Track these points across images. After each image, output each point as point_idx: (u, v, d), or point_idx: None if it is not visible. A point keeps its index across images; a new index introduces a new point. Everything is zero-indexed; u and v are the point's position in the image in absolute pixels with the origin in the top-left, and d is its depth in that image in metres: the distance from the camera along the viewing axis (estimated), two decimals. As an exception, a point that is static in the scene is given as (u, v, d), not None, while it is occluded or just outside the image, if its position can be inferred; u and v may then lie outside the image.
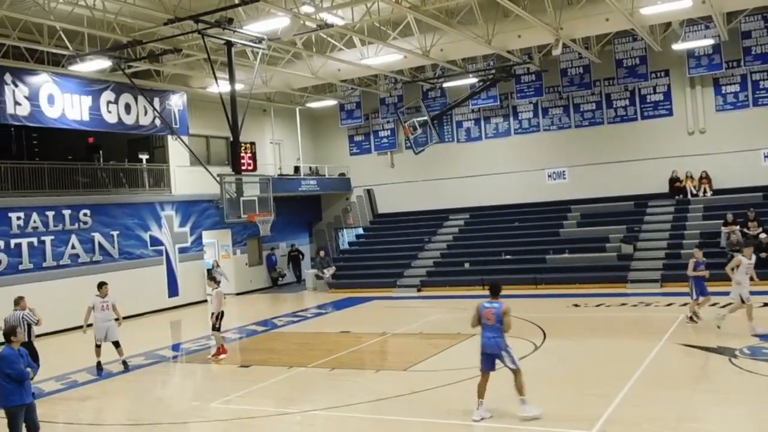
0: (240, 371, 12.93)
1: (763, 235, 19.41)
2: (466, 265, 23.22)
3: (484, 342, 9.06)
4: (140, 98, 20.27)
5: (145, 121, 20.74)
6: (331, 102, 27.75)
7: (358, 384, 11.30)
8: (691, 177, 23.23)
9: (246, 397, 10.88)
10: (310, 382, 11.65)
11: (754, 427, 8.17)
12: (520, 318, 16.05)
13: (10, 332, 8.03)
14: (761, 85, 22.57)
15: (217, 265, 23.70)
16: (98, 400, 11.37)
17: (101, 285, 13.28)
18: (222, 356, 13.77)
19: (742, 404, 8.99)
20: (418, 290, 22.72)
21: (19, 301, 11.95)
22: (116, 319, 13.14)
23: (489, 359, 9.03)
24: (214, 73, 17.70)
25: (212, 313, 14.02)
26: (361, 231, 28.96)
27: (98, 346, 12.99)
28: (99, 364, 12.99)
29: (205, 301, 23.60)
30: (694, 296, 14.27)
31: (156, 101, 20.78)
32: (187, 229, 23.58)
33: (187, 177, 23.25)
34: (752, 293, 16.84)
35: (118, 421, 9.86)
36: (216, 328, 13.87)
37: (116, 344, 13.08)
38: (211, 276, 15.17)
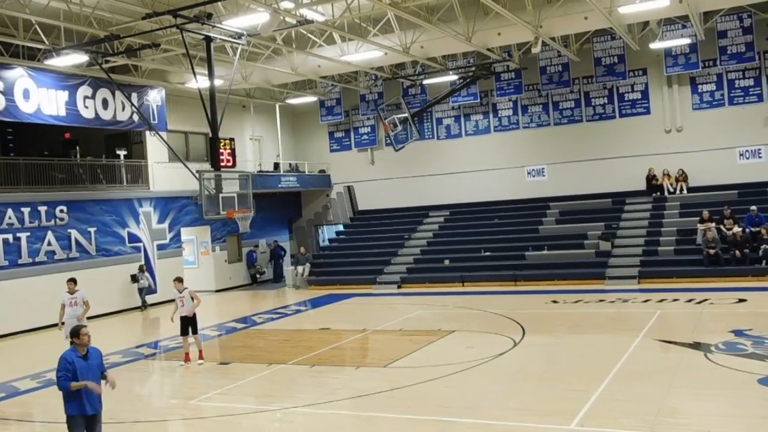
0: (219, 368, 12.85)
1: (737, 231, 19.72)
2: (446, 262, 23.31)
3: None
4: (118, 93, 20.01)
5: (122, 116, 20.49)
6: (311, 98, 27.65)
7: (339, 381, 11.29)
8: (668, 174, 23.51)
9: (226, 395, 10.82)
10: (290, 379, 11.62)
11: (729, 421, 8.30)
12: (499, 314, 16.19)
13: (72, 333, 7.15)
14: (736, 84, 22.89)
15: (142, 270, 21.68)
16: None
17: (69, 281, 13.17)
18: (188, 363, 13.07)
19: (717, 398, 9.13)
20: (399, 287, 22.75)
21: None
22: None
23: None
24: (192, 69, 17.52)
25: (184, 316, 13.04)
26: (341, 228, 28.92)
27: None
28: None
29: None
30: None
31: (134, 96, 20.53)
32: (165, 225, 23.36)
33: (166, 173, 23.03)
34: (727, 290, 17.21)
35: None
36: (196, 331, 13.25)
37: None
38: (134, 278, 14.88)
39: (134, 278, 21.50)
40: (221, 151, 22.18)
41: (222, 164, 19.36)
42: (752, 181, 22.22)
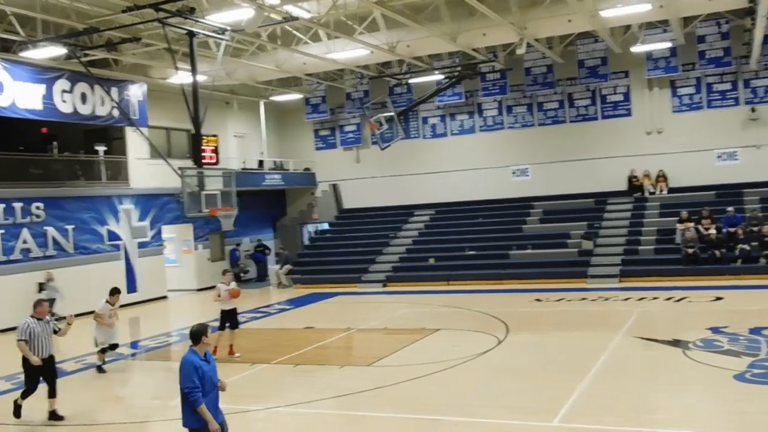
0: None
1: (714, 232, 20.01)
2: (431, 261, 23.36)
3: None
4: (97, 87, 19.68)
5: (102, 111, 20.16)
6: (296, 96, 27.55)
7: (323, 380, 11.27)
8: (649, 175, 23.77)
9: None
10: (274, 379, 11.57)
11: (706, 416, 8.45)
12: (483, 313, 16.26)
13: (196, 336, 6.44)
14: (714, 88, 23.20)
15: (50, 279, 18.78)
16: (41, 400, 11.03)
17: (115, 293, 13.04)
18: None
19: (695, 394, 9.29)
20: (384, 285, 22.75)
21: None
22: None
23: None
24: (175, 64, 17.37)
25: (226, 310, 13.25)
26: (326, 226, 28.86)
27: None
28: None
29: (165, 297, 23.27)
30: None
31: (114, 91, 20.25)
32: (146, 223, 23.11)
33: (147, 170, 22.78)
34: (705, 288, 17.45)
35: (74, 421, 9.60)
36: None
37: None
38: (41, 287, 14.55)
39: (41, 287, 18.36)
40: (204, 147, 21.94)
41: (205, 161, 19.19)
42: (729, 182, 22.56)
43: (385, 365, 11.94)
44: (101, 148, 21.87)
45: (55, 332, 10.04)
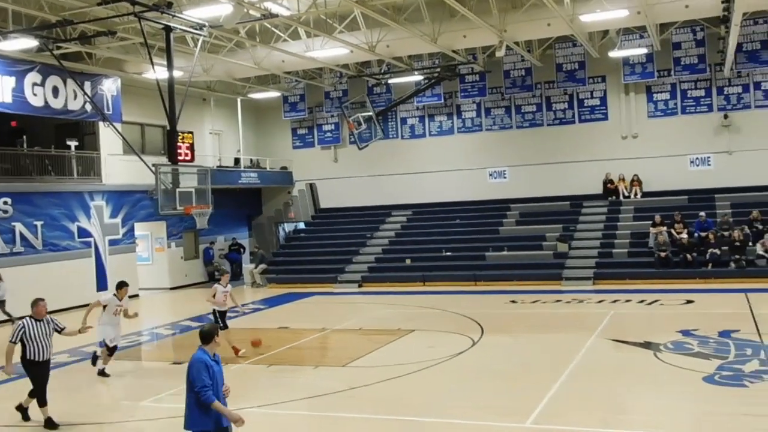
0: (173, 368, 12.55)
1: (685, 236, 20.29)
2: (408, 262, 23.34)
3: None
4: (69, 81, 19.26)
5: (74, 105, 19.76)
6: (274, 93, 27.34)
7: (297, 380, 11.18)
8: (623, 179, 24.04)
9: (179, 395, 10.45)
10: (247, 379, 11.43)
11: (676, 417, 8.52)
12: (459, 314, 16.28)
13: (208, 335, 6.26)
14: (689, 94, 23.56)
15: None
16: (19, 401, 10.78)
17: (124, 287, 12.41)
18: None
19: (665, 396, 9.36)
20: (360, 286, 22.68)
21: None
22: None
23: None
24: (151, 59, 17.10)
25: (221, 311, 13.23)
26: (302, 225, 28.70)
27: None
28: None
29: (137, 296, 22.93)
30: None
31: (87, 85, 19.85)
32: (118, 220, 22.76)
33: (120, 166, 22.41)
34: (676, 291, 17.68)
35: (40, 422, 9.37)
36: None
37: None
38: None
39: None
40: (179, 144, 21.56)
41: (180, 158, 18.87)
42: (702, 187, 22.96)
43: (360, 366, 11.87)
44: (73, 143, 21.48)
45: (58, 331, 9.58)
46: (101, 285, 21.62)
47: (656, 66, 22.95)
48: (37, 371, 9.24)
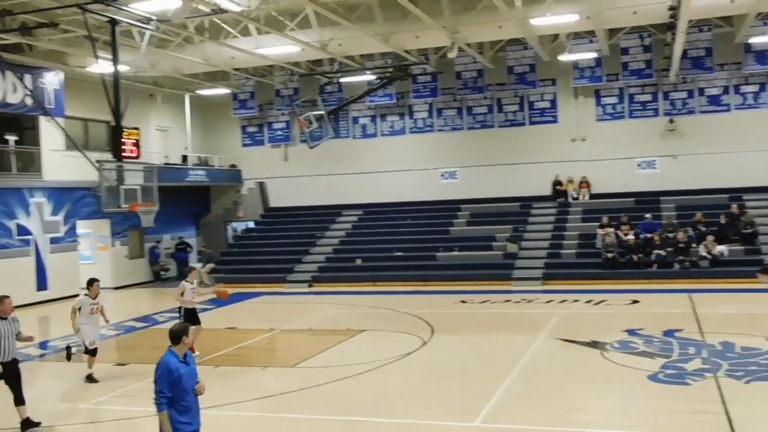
0: (116, 370, 12.15)
1: (632, 238, 20.78)
2: (358, 261, 23.23)
3: None
4: (9, 73, 18.51)
5: (13, 99, 18.96)
6: (223, 90, 26.85)
7: (245, 381, 10.96)
8: (572, 181, 24.49)
9: (121, 397, 10.21)
10: (193, 380, 11.13)
11: (622, 415, 8.67)
12: (409, 314, 16.26)
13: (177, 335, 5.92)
14: (636, 98, 24.16)
15: None
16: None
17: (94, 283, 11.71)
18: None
19: (611, 394, 9.54)
20: (309, 286, 22.46)
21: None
22: None
23: None
24: (95, 53, 16.56)
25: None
26: (251, 224, 28.26)
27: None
28: None
29: (78, 295, 22.17)
30: None
31: (27, 78, 19.08)
32: (60, 218, 21.97)
33: (62, 162, 21.62)
34: (622, 291, 18.09)
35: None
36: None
37: None
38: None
39: None
40: (124, 140, 21.06)
41: (125, 155, 18.43)
42: (648, 190, 23.53)
43: (310, 366, 11.72)
44: (12, 138, 20.58)
45: (16, 335, 8.98)
46: (41, 284, 20.84)
47: (605, 70, 23.43)
48: (4, 373, 8.70)
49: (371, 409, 9.18)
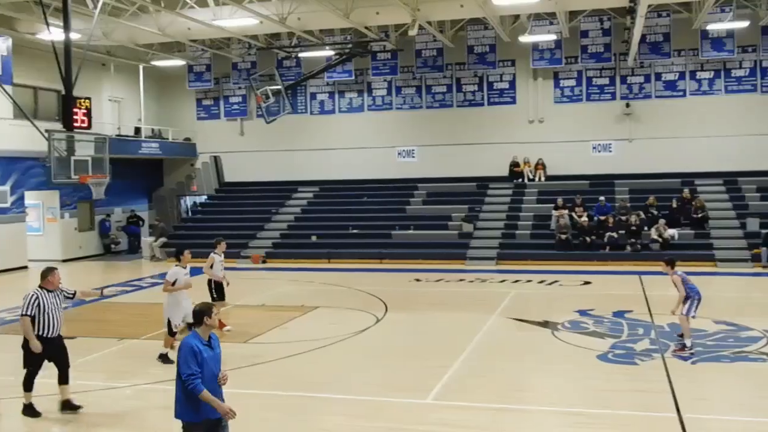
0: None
1: (585, 220, 21.18)
2: (314, 238, 23.13)
3: None
4: (-49, 38, 17.74)
5: (-43, 64, 18.19)
6: (179, 62, 26.18)
7: (196, 357, 10.77)
8: (529, 163, 24.76)
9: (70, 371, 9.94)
10: (143, 355, 10.96)
11: (571, 394, 8.88)
12: (363, 291, 16.29)
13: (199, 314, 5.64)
14: (594, 82, 24.48)
15: None
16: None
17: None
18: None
19: (561, 373, 9.73)
20: (263, 261, 22.27)
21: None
22: None
23: None
24: (45, 19, 15.91)
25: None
26: (205, 198, 27.81)
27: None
28: None
29: (26, 267, 21.58)
30: None
31: (-28, 43, 18.29)
32: (6, 188, 21.28)
33: (10, 131, 20.81)
34: (575, 272, 18.45)
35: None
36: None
37: None
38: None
39: None
40: (75, 110, 20.33)
41: (76, 125, 17.78)
42: (602, 173, 23.97)
43: (262, 342, 11.67)
44: (-46, 105, 19.74)
45: (70, 298, 8.77)
46: None
47: (564, 53, 23.57)
48: (48, 350, 8.30)
49: (323, 386, 9.18)
